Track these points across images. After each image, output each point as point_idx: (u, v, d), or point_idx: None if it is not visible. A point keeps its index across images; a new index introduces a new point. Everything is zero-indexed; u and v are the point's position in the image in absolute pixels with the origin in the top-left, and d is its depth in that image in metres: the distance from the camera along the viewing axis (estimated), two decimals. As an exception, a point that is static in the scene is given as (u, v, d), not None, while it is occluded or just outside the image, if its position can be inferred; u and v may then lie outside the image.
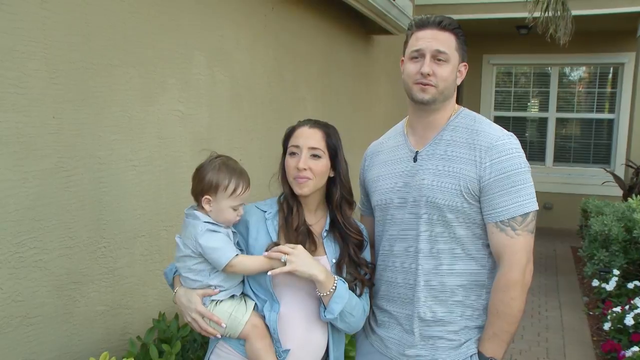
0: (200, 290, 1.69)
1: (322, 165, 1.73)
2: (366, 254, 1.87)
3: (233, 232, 1.76)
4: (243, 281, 1.77)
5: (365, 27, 5.68)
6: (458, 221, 1.72)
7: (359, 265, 1.80)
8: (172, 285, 1.79)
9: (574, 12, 5.64)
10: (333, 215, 1.81)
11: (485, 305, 1.77)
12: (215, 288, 1.69)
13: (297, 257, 1.64)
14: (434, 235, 1.74)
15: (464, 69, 1.79)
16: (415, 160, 1.80)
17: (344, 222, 1.79)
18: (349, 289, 1.74)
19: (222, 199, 1.68)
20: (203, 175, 1.71)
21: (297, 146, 1.73)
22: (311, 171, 1.70)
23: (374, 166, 1.94)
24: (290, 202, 1.76)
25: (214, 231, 1.67)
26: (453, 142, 1.75)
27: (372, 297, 1.94)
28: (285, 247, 1.65)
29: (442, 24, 1.72)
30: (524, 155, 1.72)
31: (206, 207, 1.70)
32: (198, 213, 1.70)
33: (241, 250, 1.76)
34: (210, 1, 3.03)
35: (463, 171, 1.69)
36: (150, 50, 2.57)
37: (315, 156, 1.72)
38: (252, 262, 1.67)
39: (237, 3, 3.31)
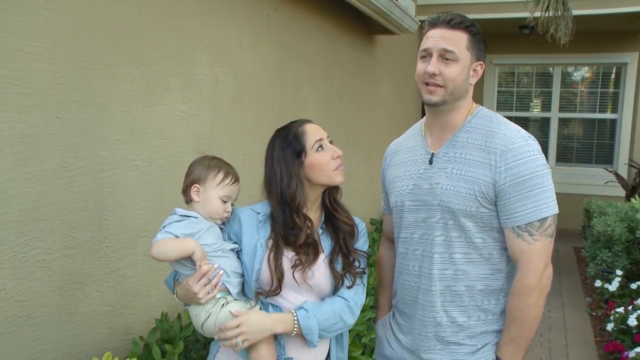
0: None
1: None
2: (362, 245, 1.83)
3: (221, 229, 1.74)
4: (243, 285, 1.74)
5: (368, 27, 5.67)
6: (473, 226, 1.68)
7: (349, 255, 1.76)
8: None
9: (577, 12, 5.63)
10: (325, 207, 1.79)
11: (503, 309, 1.74)
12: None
13: (248, 331, 1.60)
14: (449, 239, 1.70)
15: (479, 68, 1.72)
16: (430, 162, 1.76)
17: (333, 203, 1.78)
18: (336, 286, 1.73)
19: (210, 187, 1.71)
20: (193, 169, 1.75)
21: (321, 139, 1.72)
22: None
23: (393, 166, 1.92)
24: (299, 219, 1.70)
25: (178, 222, 1.66)
26: (468, 144, 1.70)
27: (392, 297, 1.93)
28: (234, 322, 1.60)
29: (451, 23, 1.67)
30: (543, 157, 1.65)
31: (195, 197, 1.71)
32: (177, 209, 1.71)
33: (235, 242, 1.75)
34: (213, 2, 3.04)
35: (478, 175, 1.65)
36: (153, 50, 2.57)
37: None
38: (169, 247, 1.62)
39: (239, 3, 3.31)
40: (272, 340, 1.67)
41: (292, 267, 1.68)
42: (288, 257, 1.70)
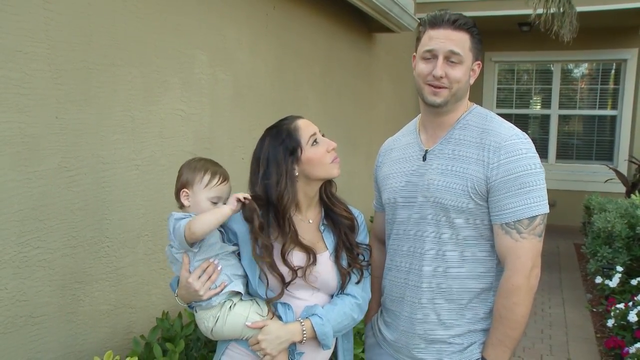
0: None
1: None
2: (363, 238, 1.83)
3: (220, 232, 1.73)
4: (247, 282, 1.73)
5: (367, 25, 5.67)
6: (465, 223, 1.68)
7: (352, 249, 1.76)
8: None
9: (578, 9, 5.60)
10: (324, 204, 1.79)
11: (491, 308, 1.73)
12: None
13: (267, 347, 1.62)
14: (440, 236, 1.70)
15: (477, 67, 1.73)
16: (424, 159, 1.76)
17: (330, 197, 1.78)
18: (343, 282, 1.73)
19: (198, 190, 1.70)
20: (181, 172, 1.74)
21: (314, 133, 1.71)
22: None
23: (386, 163, 1.92)
24: (284, 222, 1.68)
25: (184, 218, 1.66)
26: (462, 141, 1.70)
27: (380, 295, 1.94)
28: (253, 340, 1.64)
29: (456, 23, 1.65)
30: (537, 156, 1.65)
31: (185, 202, 1.71)
32: (174, 212, 1.71)
33: (235, 244, 1.74)
34: (212, 1, 3.04)
35: (471, 171, 1.65)
36: (152, 50, 2.58)
37: None
38: (205, 217, 1.61)
39: (238, 2, 3.32)
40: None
41: (288, 282, 1.67)
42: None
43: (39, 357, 2.06)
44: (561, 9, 5.23)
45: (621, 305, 4.27)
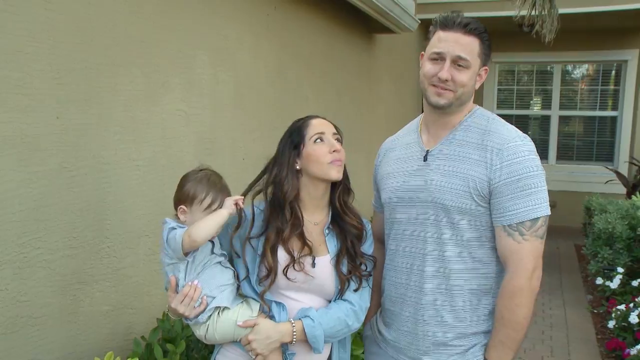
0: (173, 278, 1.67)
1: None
2: (367, 248, 1.82)
3: (212, 242, 1.72)
4: (239, 286, 1.73)
5: (368, 26, 5.67)
6: (466, 224, 1.67)
7: (356, 258, 1.76)
8: None
9: (578, 10, 5.65)
10: (334, 208, 1.78)
11: (491, 310, 1.73)
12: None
13: (258, 347, 1.63)
14: (441, 237, 1.70)
15: (484, 73, 1.72)
16: (425, 159, 1.76)
17: (343, 206, 1.77)
18: (341, 288, 1.72)
19: (196, 211, 1.67)
20: (183, 184, 1.71)
21: (322, 133, 1.73)
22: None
23: (386, 163, 1.91)
24: (286, 209, 1.70)
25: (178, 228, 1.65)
26: (464, 142, 1.70)
27: (380, 295, 1.93)
28: (244, 340, 1.65)
29: (467, 27, 1.64)
30: (538, 158, 1.65)
31: (181, 217, 1.69)
32: (168, 219, 1.69)
33: (223, 254, 1.73)
34: (213, 1, 3.04)
35: (473, 172, 1.65)
36: (153, 50, 2.57)
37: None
38: (205, 223, 1.60)
39: (239, 3, 3.31)
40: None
41: (286, 267, 1.68)
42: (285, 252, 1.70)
43: (39, 358, 2.06)
44: (544, 10, 5.30)
45: (622, 307, 4.27)
